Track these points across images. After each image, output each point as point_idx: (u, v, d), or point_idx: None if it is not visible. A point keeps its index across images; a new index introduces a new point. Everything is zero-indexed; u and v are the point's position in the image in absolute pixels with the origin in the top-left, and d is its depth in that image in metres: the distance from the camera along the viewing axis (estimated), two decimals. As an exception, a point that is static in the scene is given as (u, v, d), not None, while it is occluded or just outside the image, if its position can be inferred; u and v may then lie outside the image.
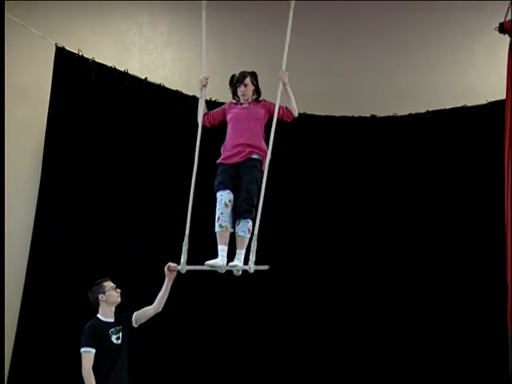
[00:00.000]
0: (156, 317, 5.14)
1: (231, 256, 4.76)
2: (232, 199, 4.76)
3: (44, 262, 6.55)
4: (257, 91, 5.04)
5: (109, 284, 5.01)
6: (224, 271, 4.74)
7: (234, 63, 7.34)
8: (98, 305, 4.95)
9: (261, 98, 5.04)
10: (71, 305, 6.17)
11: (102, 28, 7.70)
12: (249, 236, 4.71)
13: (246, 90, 4.97)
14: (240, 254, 4.72)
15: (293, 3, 4.99)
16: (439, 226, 7.23)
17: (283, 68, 4.94)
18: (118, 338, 4.87)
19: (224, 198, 4.76)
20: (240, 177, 4.81)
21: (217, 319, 6.99)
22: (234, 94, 5.07)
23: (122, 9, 7.79)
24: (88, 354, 4.72)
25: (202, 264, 4.72)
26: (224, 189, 4.78)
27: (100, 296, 4.94)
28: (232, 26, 7.90)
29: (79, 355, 4.76)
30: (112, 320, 4.93)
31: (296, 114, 5.05)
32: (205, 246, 4.71)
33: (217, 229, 4.75)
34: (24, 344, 6.38)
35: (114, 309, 4.99)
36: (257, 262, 4.63)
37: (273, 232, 6.91)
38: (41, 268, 6.53)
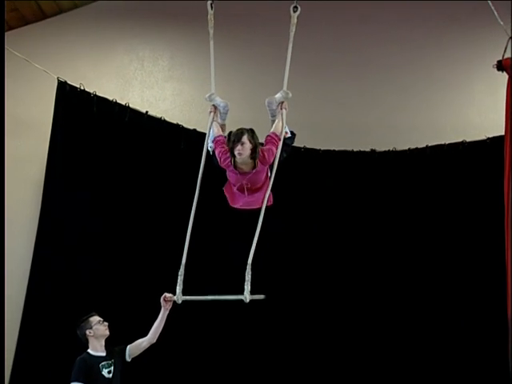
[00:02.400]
0: (150, 349, 5.11)
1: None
2: None
3: (42, 293, 6.54)
4: (254, 150, 4.61)
5: (95, 318, 5.01)
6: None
7: (236, 95, 7.43)
8: (87, 340, 4.95)
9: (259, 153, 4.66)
10: (66, 340, 6.12)
11: (104, 62, 7.78)
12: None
13: (243, 149, 4.56)
14: None
15: (292, 35, 5.02)
16: (438, 261, 7.19)
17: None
18: (109, 372, 4.84)
19: None
20: None
21: (213, 350, 6.90)
22: (231, 152, 4.64)
23: (123, 43, 7.88)
24: None
25: (199, 294, 4.72)
26: None
27: (88, 331, 4.94)
28: (235, 58, 7.97)
29: None
30: (103, 354, 4.92)
31: (281, 137, 4.82)
32: (201, 276, 4.73)
33: None
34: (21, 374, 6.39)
35: (103, 342, 4.97)
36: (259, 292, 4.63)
37: (273, 264, 6.93)
38: (38, 300, 6.52)
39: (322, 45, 8.02)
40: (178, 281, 4.74)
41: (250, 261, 4.62)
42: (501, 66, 6.31)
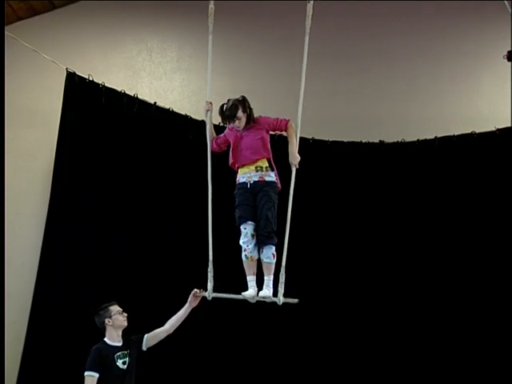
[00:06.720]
0: (166, 342, 5.12)
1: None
2: (254, 228, 4.81)
3: (52, 284, 6.55)
4: (250, 116, 4.96)
5: (115, 308, 4.99)
6: (255, 301, 4.78)
7: (243, 87, 7.40)
8: (105, 329, 4.93)
9: (255, 117, 4.99)
10: (80, 328, 6.14)
11: (113, 53, 7.78)
12: (274, 261, 4.77)
13: (240, 123, 4.93)
14: (268, 280, 4.78)
15: (308, 27, 4.96)
16: (447, 252, 7.17)
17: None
18: (124, 363, 4.83)
19: (248, 230, 4.80)
20: (258, 202, 4.84)
21: (229, 347, 6.88)
22: (224, 122, 5.04)
23: (132, 34, 7.88)
24: (91, 378, 4.70)
25: (224, 291, 4.79)
26: (246, 221, 4.82)
27: (106, 320, 4.92)
28: (242, 49, 7.97)
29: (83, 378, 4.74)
30: (119, 344, 4.91)
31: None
32: (225, 273, 4.81)
33: (243, 258, 4.80)
34: (30, 364, 6.39)
35: (121, 332, 4.96)
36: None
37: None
38: (49, 290, 6.53)
39: (330, 37, 7.98)
40: (209, 277, 4.81)
41: (283, 263, 4.72)
42: (511, 56, 6.27)
